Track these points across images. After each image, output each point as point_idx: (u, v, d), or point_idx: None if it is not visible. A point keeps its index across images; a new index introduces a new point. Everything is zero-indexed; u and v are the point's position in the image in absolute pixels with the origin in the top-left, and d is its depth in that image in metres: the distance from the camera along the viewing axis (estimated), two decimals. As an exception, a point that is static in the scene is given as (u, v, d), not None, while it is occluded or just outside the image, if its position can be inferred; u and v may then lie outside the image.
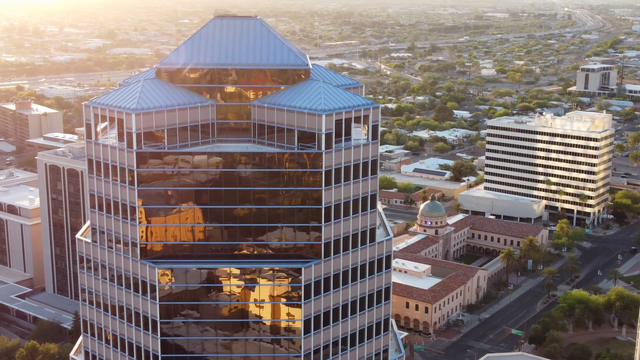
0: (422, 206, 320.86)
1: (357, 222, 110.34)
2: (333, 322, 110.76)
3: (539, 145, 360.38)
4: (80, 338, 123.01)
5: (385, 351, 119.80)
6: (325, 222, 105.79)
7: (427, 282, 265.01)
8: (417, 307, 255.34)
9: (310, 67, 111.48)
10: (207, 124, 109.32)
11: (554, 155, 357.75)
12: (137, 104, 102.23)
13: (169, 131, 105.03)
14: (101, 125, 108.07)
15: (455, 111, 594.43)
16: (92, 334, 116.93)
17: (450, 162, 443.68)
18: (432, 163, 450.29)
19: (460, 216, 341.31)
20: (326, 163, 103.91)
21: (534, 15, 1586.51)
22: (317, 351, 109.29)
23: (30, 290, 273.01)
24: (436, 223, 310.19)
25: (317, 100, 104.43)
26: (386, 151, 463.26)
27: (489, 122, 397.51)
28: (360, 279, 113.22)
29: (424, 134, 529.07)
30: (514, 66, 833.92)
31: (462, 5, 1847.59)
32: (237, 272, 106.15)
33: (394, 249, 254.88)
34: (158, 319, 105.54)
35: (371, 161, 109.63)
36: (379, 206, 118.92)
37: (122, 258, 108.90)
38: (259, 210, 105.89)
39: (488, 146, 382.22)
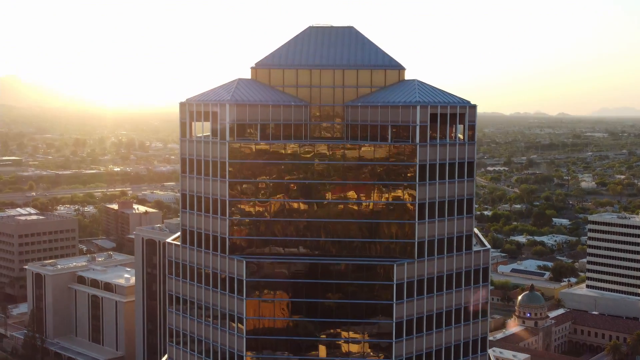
0: (520, 297, 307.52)
1: (452, 226, 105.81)
2: (427, 331, 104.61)
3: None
4: (165, 356, 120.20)
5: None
6: (419, 220, 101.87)
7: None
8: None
9: (405, 68, 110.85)
10: (300, 124, 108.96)
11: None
12: (232, 97, 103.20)
13: (262, 127, 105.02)
14: (195, 124, 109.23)
15: (554, 219, 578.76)
16: (177, 342, 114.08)
17: (550, 264, 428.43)
18: (530, 264, 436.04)
19: (561, 310, 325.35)
20: (420, 157, 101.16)
21: (634, 134, 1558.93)
22: (409, 359, 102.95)
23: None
24: (535, 314, 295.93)
25: (412, 95, 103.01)
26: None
27: (591, 218, 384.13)
28: (455, 287, 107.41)
29: (521, 238, 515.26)
30: (615, 179, 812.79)
31: (559, 126, 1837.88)
32: (325, 269, 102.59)
33: (490, 338, 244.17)
34: (244, 315, 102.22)
35: (467, 162, 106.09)
36: (475, 229, 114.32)
37: (210, 256, 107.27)
38: (351, 207, 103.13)
39: (590, 242, 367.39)
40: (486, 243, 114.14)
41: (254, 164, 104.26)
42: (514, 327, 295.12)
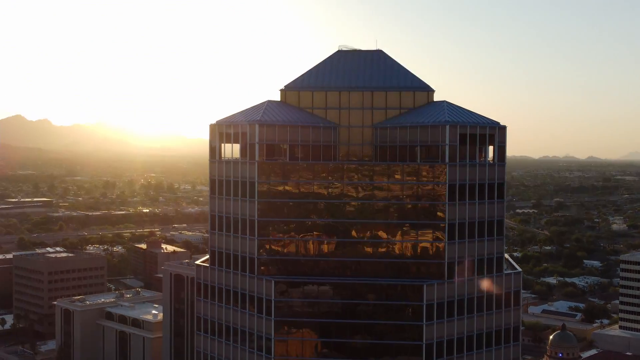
0: (551, 337, 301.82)
1: (482, 247, 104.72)
2: (457, 354, 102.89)
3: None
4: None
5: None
6: (449, 240, 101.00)
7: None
8: None
9: (434, 89, 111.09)
10: (329, 145, 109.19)
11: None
12: (261, 117, 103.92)
13: (291, 147, 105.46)
14: (225, 146, 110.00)
15: (585, 261, 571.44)
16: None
17: (581, 305, 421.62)
18: (561, 305, 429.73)
19: (593, 351, 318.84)
20: (450, 177, 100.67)
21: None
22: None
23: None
24: (567, 354, 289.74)
25: (441, 115, 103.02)
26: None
27: (623, 257, 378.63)
28: (486, 311, 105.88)
29: (551, 279, 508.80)
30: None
31: (589, 169, 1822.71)
32: (354, 288, 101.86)
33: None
34: (272, 336, 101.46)
35: (497, 184, 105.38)
36: (505, 255, 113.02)
37: (239, 276, 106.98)
38: (380, 225, 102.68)
39: (622, 282, 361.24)
40: (517, 267, 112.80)
41: (282, 184, 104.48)
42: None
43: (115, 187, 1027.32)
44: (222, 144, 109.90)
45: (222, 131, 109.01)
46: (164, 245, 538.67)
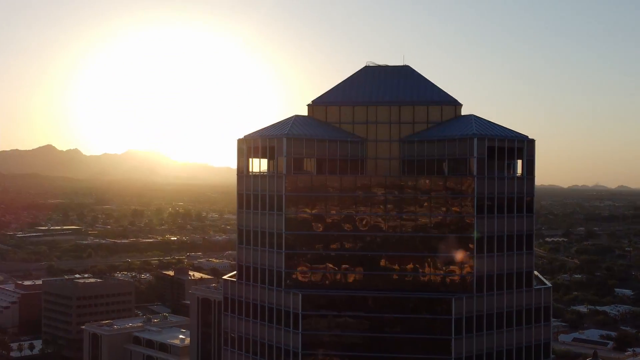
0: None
1: (511, 261, 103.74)
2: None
3: None
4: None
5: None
6: (477, 254, 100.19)
7: None
8: None
9: (461, 104, 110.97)
10: (356, 159, 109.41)
11: None
12: (289, 131, 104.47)
13: (318, 162, 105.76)
14: (253, 161, 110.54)
15: (616, 289, 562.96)
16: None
17: (613, 334, 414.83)
18: (592, 334, 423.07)
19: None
20: (478, 190, 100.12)
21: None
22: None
23: None
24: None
25: (469, 128, 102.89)
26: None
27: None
28: (516, 326, 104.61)
29: (582, 308, 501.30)
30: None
31: (619, 198, 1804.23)
32: (382, 302, 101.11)
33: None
34: (299, 350, 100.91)
35: (526, 197, 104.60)
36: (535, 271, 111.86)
37: (266, 291, 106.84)
38: (407, 238, 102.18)
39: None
40: (547, 282, 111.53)
41: (311, 196, 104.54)
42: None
43: (143, 216, 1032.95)
44: (250, 158, 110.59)
45: (250, 145, 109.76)
46: (191, 272, 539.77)
